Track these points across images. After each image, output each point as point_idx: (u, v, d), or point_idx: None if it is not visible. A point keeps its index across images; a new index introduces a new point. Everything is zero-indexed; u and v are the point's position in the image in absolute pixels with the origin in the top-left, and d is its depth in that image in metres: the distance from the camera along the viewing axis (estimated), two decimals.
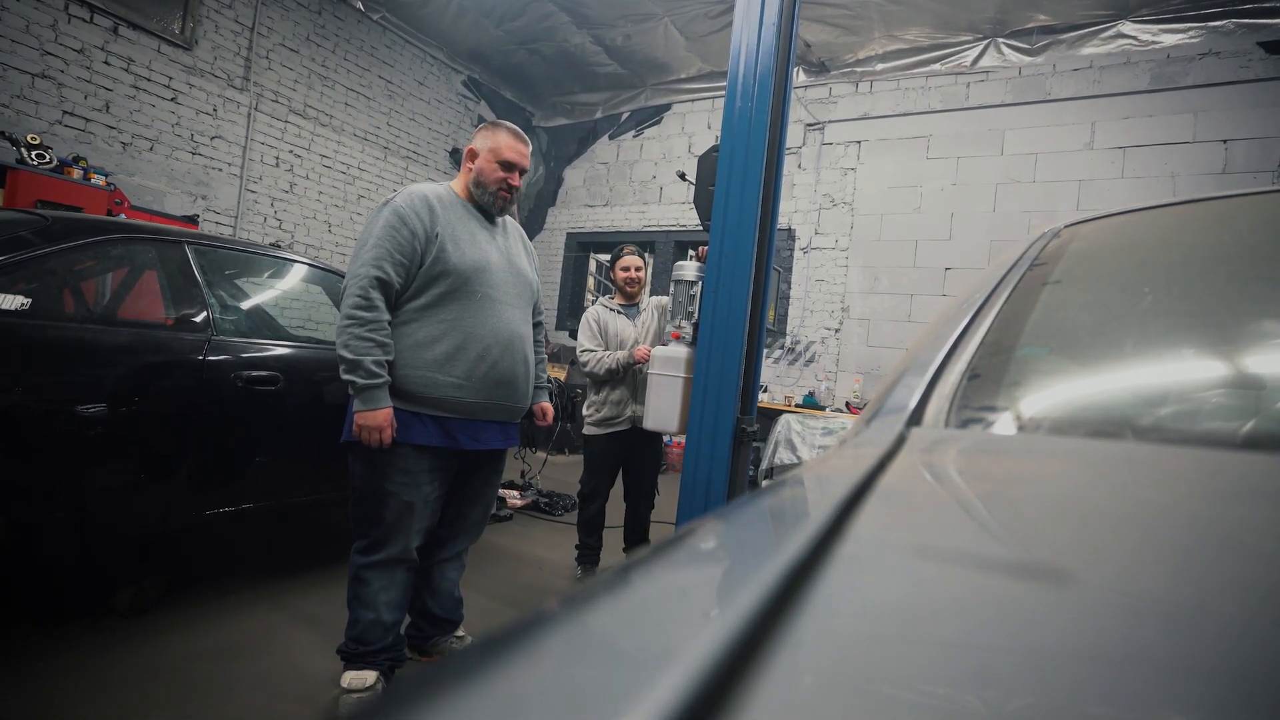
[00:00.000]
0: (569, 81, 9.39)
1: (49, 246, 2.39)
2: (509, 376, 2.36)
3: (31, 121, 5.40)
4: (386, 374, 2.16)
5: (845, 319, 7.64)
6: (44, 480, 2.27)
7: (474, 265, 2.28)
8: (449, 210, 2.32)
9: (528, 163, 2.42)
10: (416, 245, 2.22)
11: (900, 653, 0.29)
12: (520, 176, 2.41)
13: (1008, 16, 6.57)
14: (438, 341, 2.23)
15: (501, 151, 2.35)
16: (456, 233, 2.29)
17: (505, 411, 2.41)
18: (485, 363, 2.28)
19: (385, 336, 2.17)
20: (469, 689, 0.25)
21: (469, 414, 2.30)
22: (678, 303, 3.12)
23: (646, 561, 0.41)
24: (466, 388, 2.25)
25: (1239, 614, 0.32)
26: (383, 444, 2.15)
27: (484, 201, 2.39)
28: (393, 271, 2.19)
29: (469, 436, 2.32)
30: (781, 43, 2.51)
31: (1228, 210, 1.05)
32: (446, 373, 2.23)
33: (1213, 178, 5.99)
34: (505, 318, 2.35)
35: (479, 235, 2.36)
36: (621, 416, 3.65)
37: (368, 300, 2.15)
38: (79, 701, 2.12)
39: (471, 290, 2.27)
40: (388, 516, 2.25)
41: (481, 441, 2.37)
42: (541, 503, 5.26)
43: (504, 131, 2.39)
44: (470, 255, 2.28)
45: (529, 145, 2.43)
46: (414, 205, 2.24)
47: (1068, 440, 0.67)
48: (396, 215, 2.21)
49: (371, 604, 2.29)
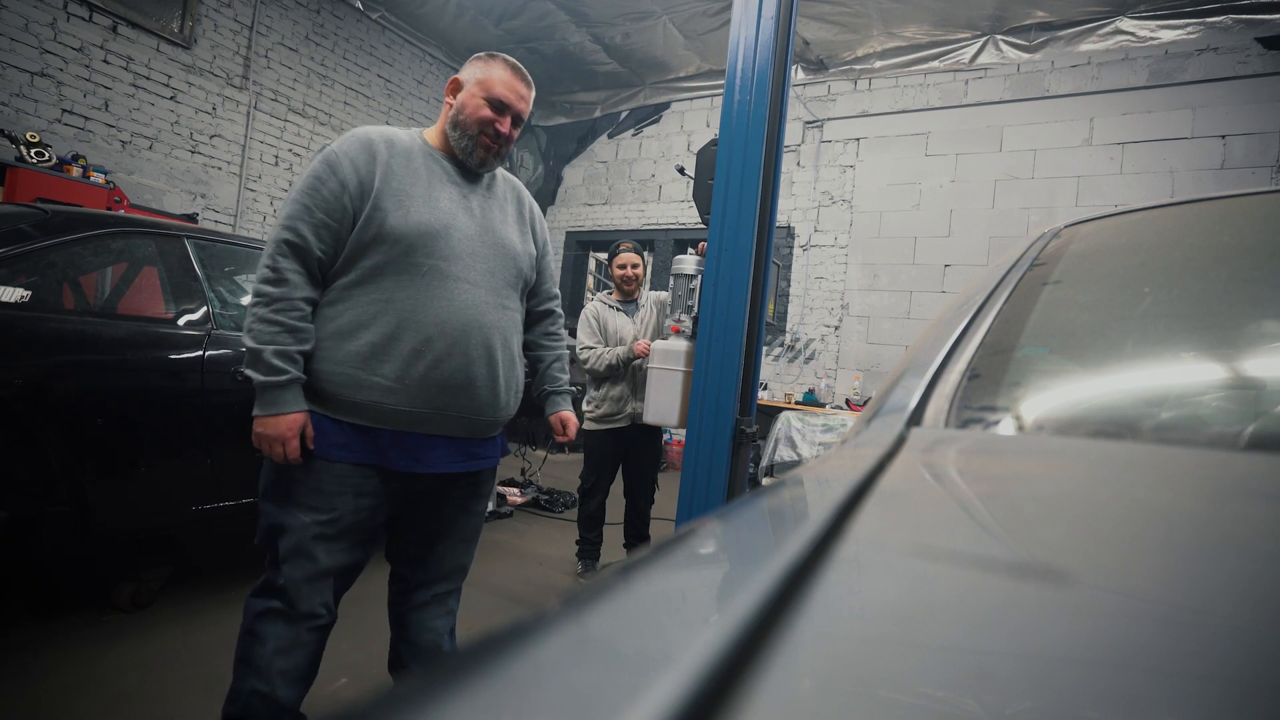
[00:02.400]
0: (568, 80, 9.38)
1: (48, 240, 2.39)
2: (461, 380, 1.76)
3: (31, 119, 5.39)
4: (297, 369, 1.65)
5: (845, 316, 7.64)
6: (44, 474, 2.27)
7: (421, 229, 1.71)
8: (401, 157, 1.77)
9: (527, 108, 1.88)
10: (346, 201, 1.69)
11: (900, 654, 0.29)
12: (514, 126, 1.86)
13: (1006, 13, 6.57)
14: (363, 329, 1.68)
15: (492, 85, 1.80)
16: (405, 185, 1.74)
17: (460, 425, 1.81)
18: (424, 360, 1.70)
19: (297, 319, 1.65)
20: (469, 689, 0.25)
21: (404, 425, 1.74)
22: (677, 297, 3.12)
23: (646, 562, 0.41)
24: (399, 392, 1.70)
25: (1239, 615, 0.32)
26: (288, 459, 1.64)
27: (460, 148, 1.82)
28: (310, 235, 1.67)
29: (404, 455, 1.75)
30: (780, 36, 2.52)
31: (1228, 210, 1.05)
32: (372, 370, 1.68)
33: (1211, 173, 5.99)
34: (462, 300, 1.76)
35: (440, 192, 1.79)
36: (621, 413, 3.66)
37: (275, 272, 1.64)
38: (79, 694, 2.13)
39: (415, 262, 1.71)
40: (287, 553, 1.69)
41: (424, 462, 1.79)
42: (542, 500, 5.27)
43: (500, 63, 1.83)
44: (418, 216, 1.72)
45: (531, 87, 1.89)
46: (349, 150, 1.73)
47: (1068, 440, 0.67)
48: (325, 164, 1.71)
49: (263, 671, 1.69)
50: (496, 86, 1.81)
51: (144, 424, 2.51)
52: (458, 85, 1.84)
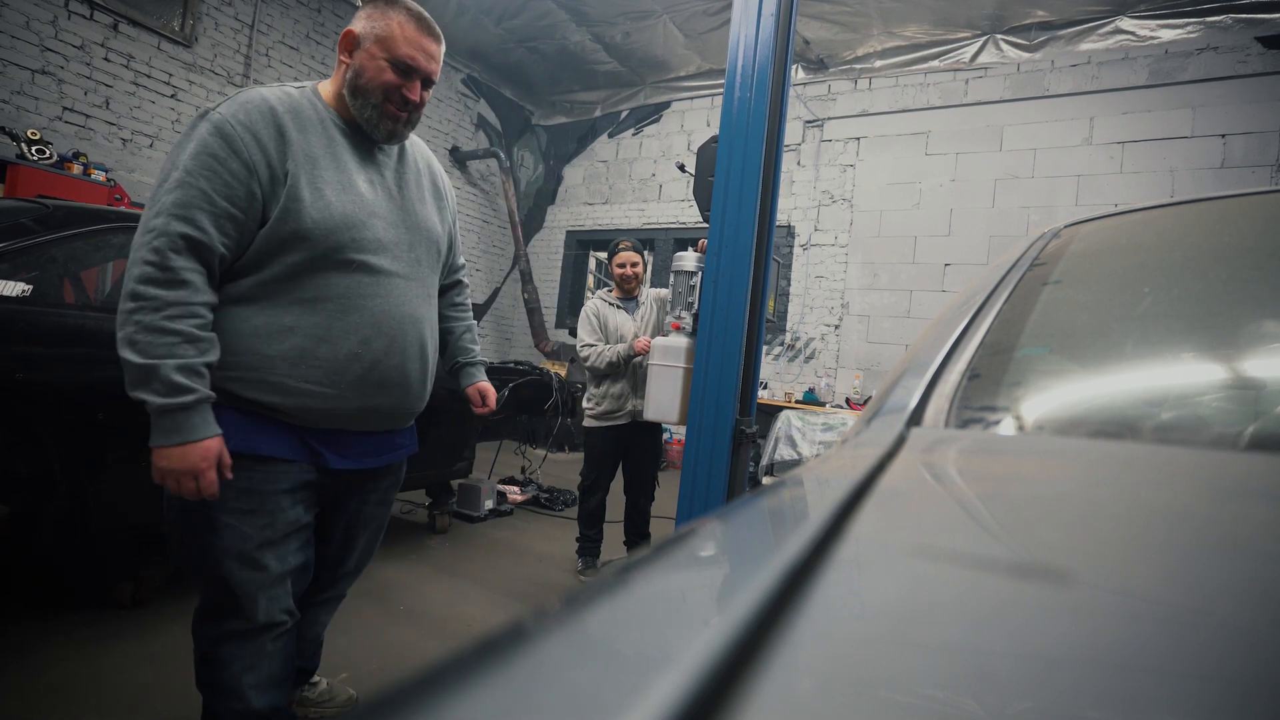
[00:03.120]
0: (568, 80, 9.38)
1: (50, 234, 2.38)
2: (397, 378, 1.64)
3: (31, 117, 5.39)
4: (205, 386, 1.40)
5: (845, 315, 7.64)
6: (44, 470, 2.27)
7: (344, 220, 1.50)
8: (308, 132, 1.51)
9: (438, 68, 1.61)
10: (255, 188, 1.43)
11: (899, 655, 0.29)
12: (425, 88, 1.60)
13: (1006, 13, 6.56)
14: (288, 332, 1.49)
15: (395, 44, 1.52)
16: (319, 169, 1.50)
17: (387, 419, 1.70)
18: (361, 363, 1.56)
19: (198, 327, 1.38)
20: (469, 689, 0.25)
21: (333, 425, 1.60)
22: (677, 293, 3.12)
23: (646, 563, 0.41)
24: (332, 396, 1.54)
25: (1239, 615, 0.32)
26: (202, 494, 1.39)
27: (364, 119, 1.57)
28: (211, 227, 1.39)
29: (334, 452, 1.62)
30: (780, 33, 2.52)
31: (1228, 210, 1.05)
32: (301, 376, 1.50)
33: (1211, 172, 5.99)
34: (395, 296, 1.61)
35: (355, 174, 1.57)
36: (622, 410, 3.66)
37: (167, 270, 1.35)
38: (79, 689, 2.14)
39: (341, 259, 1.51)
40: (225, 564, 1.50)
41: (353, 458, 1.66)
42: (542, 498, 5.28)
43: (401, 12, 1.54)
44: (339, 205, 1.51)
45: (441, 41, 1.61)
46: (250, 122, 1.44)
47: (1068, 440, 0.67)
48: (219, 136, 1.41)
49: (234, 691, 1.57)
50: (400, 45, 1.53)
51: (145, 419, 2.51)
52: (353, 40, 1.55)
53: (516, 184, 9.78)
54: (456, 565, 3.72)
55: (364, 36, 1.54)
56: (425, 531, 4.27)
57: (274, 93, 1.53)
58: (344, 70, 1.57)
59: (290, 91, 1.57)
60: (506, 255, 10.07)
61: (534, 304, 9.11)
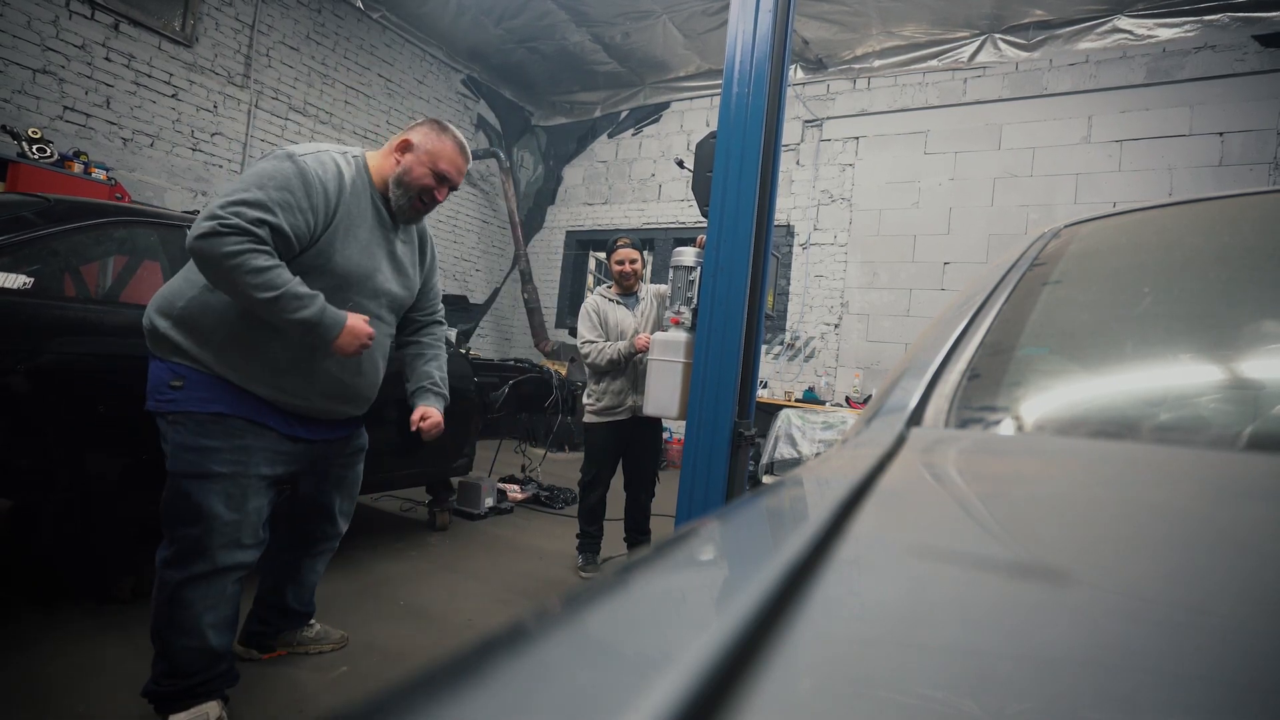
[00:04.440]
0: (568, 80, 9.38)
1: (51, 228, 2.38)
2: (355, 392, 2.09)
3: (32, 116, 5.39)
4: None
5: (844, 314, 7.64)
6: (45, 462, 2.27)
7: (359, 272, 1.96)
8: (356, 197, 1.94)
9: (461, 179, 2.11)
10: (310, 221, 1.83)
11: (899, 655, 0.29)
12: (447, 193, 2.09)
13: (1004, 12, 6.57)
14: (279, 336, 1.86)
15: (440, 160, 2.01)
16: (354, 227, 1.93)
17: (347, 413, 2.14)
18: (331, 380, 1.99)
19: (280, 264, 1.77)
20: (469, 689, 0.26)
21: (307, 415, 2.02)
22: (677, 289, 3.12)
23: (645, 563, 0.42)
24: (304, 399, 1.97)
25: (1239, 615, 0.32)
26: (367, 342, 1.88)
27: (398, 205, 2.03)
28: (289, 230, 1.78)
29: (307, 429, 2.04)
30: (778, 28, 2.52)
31: (1228, 210, 1.05)
32: (275, 384, 1.90)
33: (1210, 170, 5.99)
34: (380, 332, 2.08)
35: (374, 237, 2.00)
36: (621, 406, 3.66)
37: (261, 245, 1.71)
38: (80, 682, 2.14)
39: (344, 297, 1.93)
40: (212, 508, 1.82)
41: (321, 432, 2.09)
42: (542, 496, 5.28)
43: (451, 140, 2.04)
44: (359, 260, 1.95)
45: (469, 160, 2.12)
46: (325, 174, 1.85)
47: (1068, 440, 0.67)
48: (299, 176, 1.80)
49: (193, 630, 1.84)
50: (443, 162, 2.02)
51: (145, 414, 2.51)
52: (408, 145, 2.01)
53: (516, 184, 9.78)
54: (456, 562, 3.72)
55: (419, 146, 2.00)
56: (425, 529, 4.27)
57: (341, 159, 1.95)
58: (394, 164, 2.01)
59: (352, 160, 1.99)
60: (506, 255, 10.07)
61: (534, 304, 9.12)
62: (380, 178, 2.02)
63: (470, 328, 8.76)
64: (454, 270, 9.35)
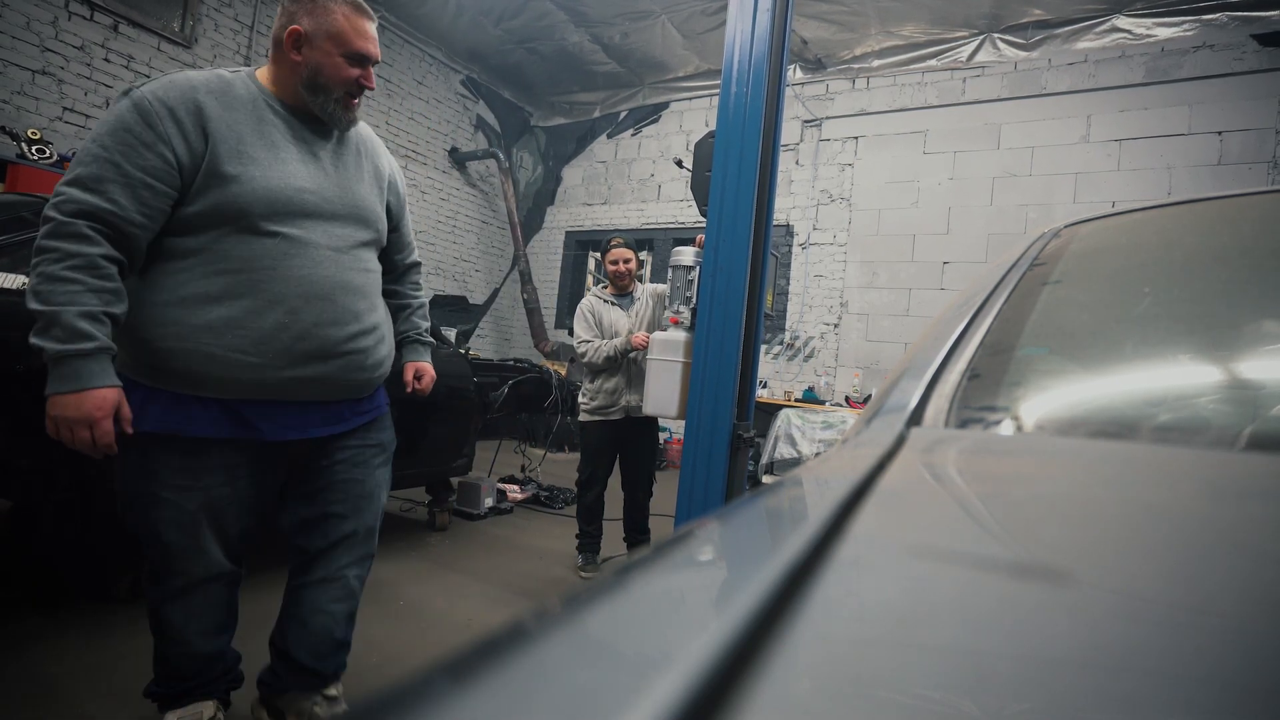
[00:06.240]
0: (567, 80, 9.38)
1: None
2: (330, 345, 1.64)
3: (32, 117, 5.39)
4: (106, 335, 1.40)
5: (844, 314, 7.64)
6: (45, 462, 2.27)
7: (266, 193, 1.53)
8: (235, 110, 1.54)
9: (378, 51, 1.67)
10: (169, 170, 1.46)
11: (899, 655, 0.29)
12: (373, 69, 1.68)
13: (1003, 12, 6.57)
14: (212, 302, 1.50)
15: (349, 39, 1.59)
16: (245, 146, 1.53)
17: (328, 388, 1.69)
18: (289, 332, 1.56)
19: (101, 277, 1.40)
20: (468, 689, 0.25)
21: (270, 395, 1.61)
22: (676, 288, 3.13)
23: (645, 563, 0.41)
24: (261, 366, 1.56)
25: (1239, 615, 0.32)
26: (97, 445, 1.42)
27: (325, 113, 1.64)
28: (124, 198, 1.42)
29: (273, 424, 1.64)
30: (776, 29, 2.53)
31: (1228, 210, 1.05)
32: (228, 346, 1.51)
33: (1209, 169, 6.00)
34: (324, 267, 1.62)
35: (285, 149, 1.59)
36: (616, 405, 3.67)
37: (69, 224, 1.39)
38: (79, 681, 2.15)
39: (266, 230, 1.53)
40: (166, 533, 1.59)
41: (295, 428, 1.68)
42: (542, 496, 5.28)
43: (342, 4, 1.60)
44: (262, 179, 1.53)
45: (374, 19, 1.67)
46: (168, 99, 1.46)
47: (1068, 440, 0.67)
48: (137, 115, 1.44)
49: (179, 638, 1.70)
50: (353, 40, 1.61)
51: None
52: (299, 38, 1.58)
53: (516, 185, 9.78)
54: (456, 561, 3.72)
55: (314, 34, 1.58)
56: (425, 529, 4.28)
57: (201, 75, 1.56)
58: (294, 65, 1.60)
59: (222, 74, 1.59)
60: (506, 256, 10.07)
61: (533, 304, 9.12)
62: (285, 87, 1.63)
63: (470, 328, 8.75)
64: (453, 270, 9.35)
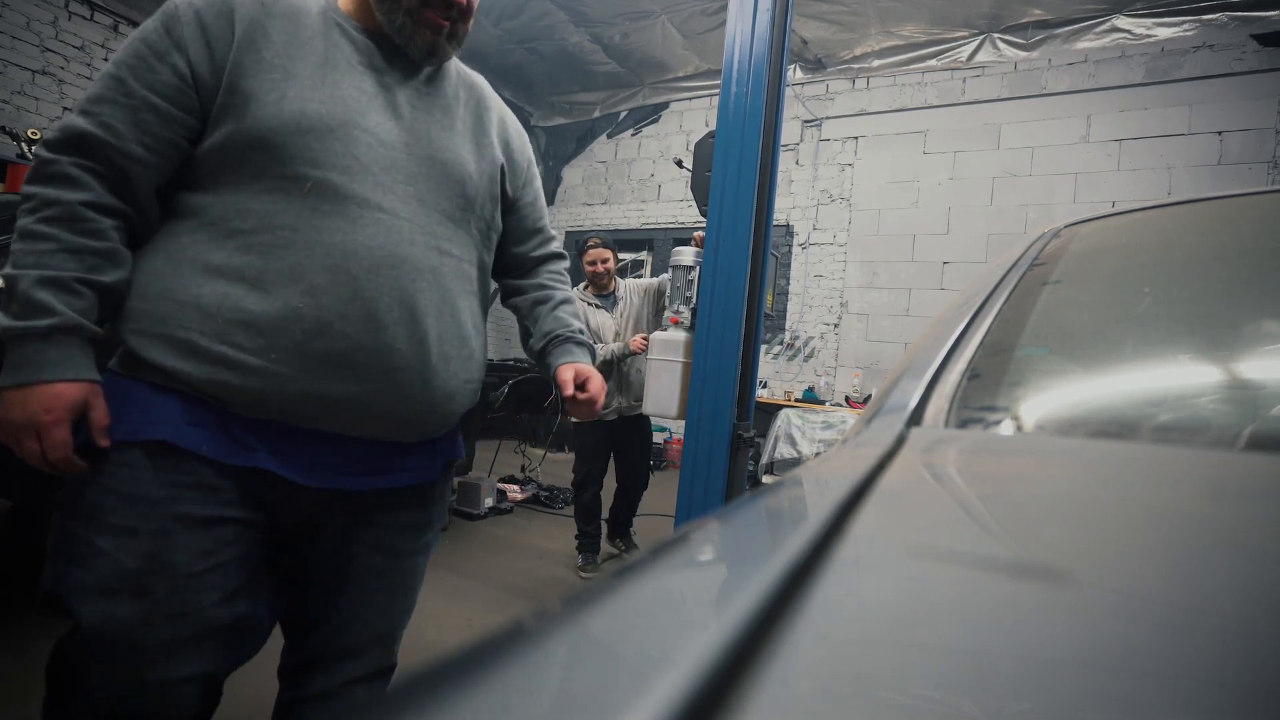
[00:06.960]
0: (567, 80, 9.37)
1: None
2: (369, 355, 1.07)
3: (32, 117, 5.40)
4: (77, 309, 0.98)
5: (844, 314, 7.64)
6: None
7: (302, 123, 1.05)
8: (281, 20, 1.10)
9: None
10: (182, 86, 1.04)
11: (899, 656, 0.29)
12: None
13: (1003, 12, 6.57)
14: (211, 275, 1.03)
15: None
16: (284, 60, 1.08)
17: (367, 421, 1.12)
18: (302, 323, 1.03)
19: (86, 234, 0.99)
20: (468, 689, 0.25)
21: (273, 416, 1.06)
22: (675, 288, 3.13)
23: (644, 564, 0.41)
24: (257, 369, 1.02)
25: (1239, 615, 0.32)
26: (49, 460, 1.01)
27: (392, 24, 1.15)
28: (123, 122, 1.01)
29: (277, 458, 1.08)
30: (776, 29, 2.53)
31: (1228, 210, 1.05)
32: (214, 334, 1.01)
33: (1209, 169, 6.00)
34: (374, 235, 1.08)
35: (346, 73, 1.12)
36: (609, 406, 3.68)
37: (55, 172, 0.99)
38: None
39: (295, 173, 1.05)
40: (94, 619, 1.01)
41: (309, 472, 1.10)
42: (542, 496, 5.29)
43: None
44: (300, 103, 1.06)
45: None
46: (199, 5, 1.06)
47: (1068, 440, 0.67)
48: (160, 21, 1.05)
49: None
50: None
51: None
52: None
53: None
54: (456, 561, 3.72)
55: None
56: None
57: None
58: None
59: None
60: None
61: None
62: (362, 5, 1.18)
63: None
64: None
